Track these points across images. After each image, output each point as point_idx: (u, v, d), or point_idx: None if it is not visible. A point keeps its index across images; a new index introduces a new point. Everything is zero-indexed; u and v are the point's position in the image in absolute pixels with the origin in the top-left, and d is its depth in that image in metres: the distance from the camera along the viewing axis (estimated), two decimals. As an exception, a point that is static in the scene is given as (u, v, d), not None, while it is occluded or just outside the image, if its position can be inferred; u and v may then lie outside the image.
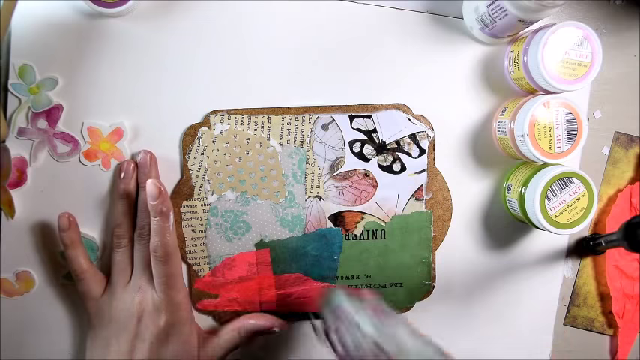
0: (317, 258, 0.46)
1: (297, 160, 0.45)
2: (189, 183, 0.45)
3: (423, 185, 0.46)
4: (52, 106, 0.45)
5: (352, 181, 0.45)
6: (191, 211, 0.45)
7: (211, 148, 0.45)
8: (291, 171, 0.45)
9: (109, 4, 0.43)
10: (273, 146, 0.45)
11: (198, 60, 0.46)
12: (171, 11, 0.46)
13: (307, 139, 0.45)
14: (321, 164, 0.46)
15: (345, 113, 0.45)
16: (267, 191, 0.45)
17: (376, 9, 0.47)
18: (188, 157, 0.45)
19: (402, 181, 0.46)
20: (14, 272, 0.46)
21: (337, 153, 0.45)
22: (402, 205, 0.46)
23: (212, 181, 0.45)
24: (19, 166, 0.45)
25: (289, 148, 0.45)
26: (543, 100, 0.42)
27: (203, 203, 0.45)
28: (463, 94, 0.48)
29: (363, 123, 0.45)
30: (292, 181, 0.46)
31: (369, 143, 0.45)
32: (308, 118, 0.45)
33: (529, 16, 0.41)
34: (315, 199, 0.46)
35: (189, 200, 0.45)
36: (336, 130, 0.45)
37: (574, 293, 0.50)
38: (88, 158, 0.46)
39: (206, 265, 0.46)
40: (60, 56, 0.45)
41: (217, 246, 0.46)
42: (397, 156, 0.45)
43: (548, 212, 0.43)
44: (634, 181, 0.49)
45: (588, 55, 0.42)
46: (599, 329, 0.50)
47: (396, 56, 0.47)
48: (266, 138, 0.45)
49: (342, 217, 0.46)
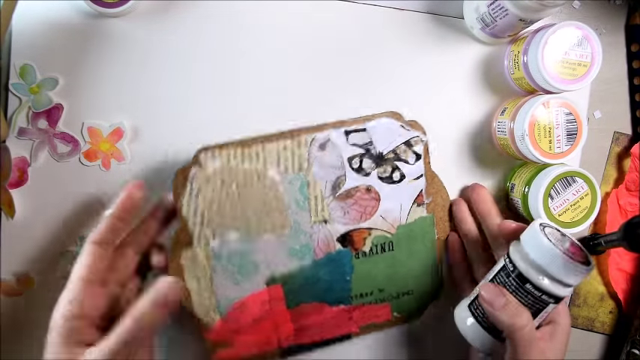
0: (329, 283, 0.44)
1: (298, 187, 0.43)
2: (186, 230, 0.42)
3: (422, 190, 0.45)
4: (53, 106, 0.45)
5: (355, 199, 0.44)
6: (193, 259, 0.42)
7: (206, 190, 0.41)
8: (294, 198, 0.43)
9: (109, 4, 0.43)
10: (272, 176, 0.42)
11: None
12: (171, 11, 0.46)
13: (305, 163, 0.43)
14: (322, 186, 0.43)
15: (340, 129, 0.43)
16: (272, 225, 0.43)
17: (376, 9, 0.47)
18: (182, 203, 0.41)
19: (402, 189, 0.45)
20: (14, 272, 0.46)
21: (337, 172, 0.43)
22: (406, 213, 0.45)
23: (212, 224, 0.42)
24: (19, 165, 0.45)
25: (288, 175, 0.43)
26: (543, 100, 0.42)
27: (205, 250, 0.42)
28: (463, 94, 0.48)
29: (359, 137, 0.43)
30: (296, 208, 0.43)
31: (367, 157, 0.44)
32: (304, 140, 0.43)
33: (530, 15, 0.41)
34: (321, 224, 0.44)
35: (190, 249, 0.42)
36: (334, 149, 0.43)
37: (574, 293, 0.50)
38: (88, 158, 0.46)
39: (216, 315, 0.43)
40: (60, 56, 0.45)
41: (225, 291, 0.43)
42: (395, 165, 0.44)
43: (551, 211, 0.43)
44: (618, 183, 0.49)
45: (588, 55, 0.42)
46: (600, 329, 0.50)
47: (397, 56, 0.47)
48: (263, 169, 0.42)
49: (350, 236, 0.44)
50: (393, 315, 0.46)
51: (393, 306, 0.46)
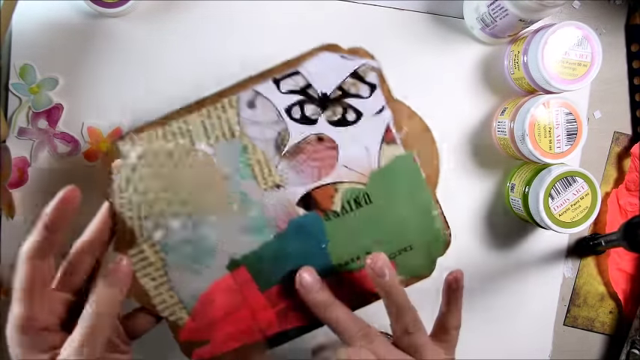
0: (302, 255, 0.39)
1: (235, 154, 0.38)
2: (125, 228, 0.37)
3: (389, 124, 0.39)
4: (53, 106, 0.45)
5: (307, 153, 0.38)
6: (141, 257, 0.38)
7: (135, 180, 0.37)
8: (233, 168, 0.38)
9: (109, 4, 0.43)
10: (202, 149, 0.38)
11: (199, 61, 0.46)
12: (171, 11, 0.46)
13: (236, 127, 0.38)
14: (263, 147, 0.38)
15: (267, 80, 0.38)
16: (216, 202, 0.38)
17: (376, 9, 0.47)
18: (112, 199, 0.37)
19: (363, 129, 0.38)
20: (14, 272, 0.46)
21: (277, 127, 0.38)
22: (375, 156, 0.39)
23: (150, 216, 0.37)
24: (19, 165, 0.45)
25: (220, 144, 0.38)
26: (543, 100, 0.42)
27: (151, 244, 0.38)
28: (463, 94, 0.48)
29: (293, 82, 0.38)
30: (239, 179, 0.38)
31: (309, 102, 0.38)
32: (228, 103, 0.38)
33: (530, 15, 0.41)
34: (274, 189, 0.38)
35: (135, 247, 0.37)
36: (264, 103, 0.38)
37: (574, 293, 0.50)
38: (88, 158, 0.46)
39: (183, 312, 0.39)
40: (60, 56, 0.45)
41: (186, 285, 0.38)
42: (346, 103, 0.38)
43: (552, 211, 0.43)
44: (618, 183, 0.49)
45: (588, 55, 0.42)
46: (600, 329, 0.50)
47: (396, 56, 0.47)
48: (190, 143, 0.38)
49: (312, 197, 0.38)
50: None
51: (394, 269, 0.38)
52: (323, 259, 0.39)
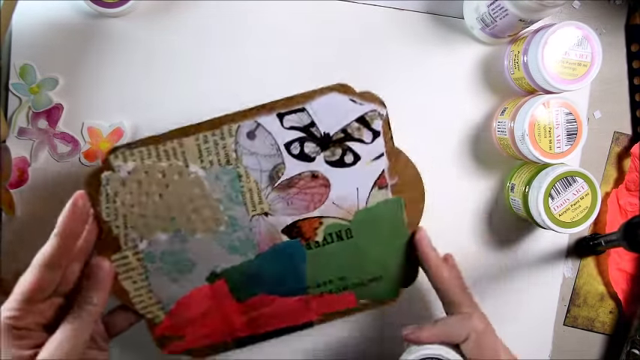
0: (279, 275, 0.41)
1: (228, 181, 0.39)
2: (110, 236, 0.38)
3: (384, 170, 0.40)
4: (53, 106, 0.45)
5: (299, 187, 0.40)
6: (124, 263, 0.39)
7: (123, 193, 0.38)
8: (224, 194, 0.39)
9: (109, 4, 0.43)
10: (195, 172, 0.38)
11: (200, 61, 0.46)
12: (171, 11, 0.46)
13: (233, 154, 0.39)
14: (257, 177, 0.39)
15: (271, 113, 0.38)
16: (203, 223, 0.39)
17: (376, 9, 0.47)
18: (100, 208, 0.38)
19: (358, 172, 0.40)
20: (14, 272, 0.46)
21: (273, 160, 0.39)
22: (364, 197, 0.40)
23: (136, 228, 0.38)
24: (20, 165, 0.45)
25: (214, 169, 0.39)
26: (543, 100, 0.42)
27: (134, 252, 0.39)
28: (463, 94, 0.48)
29: (297, 118, 0.39)
30: (229, 204, 0.39)
31: (310, 140, 0.39)
32: (227, 130, 0.38)
33: (530, 15, 0.41)
34: (262, 217, 0.40)
35: (119, 252, 0.39)
36: (265, 135, 0.39)
37: (574, 293, 0.50)
38: (88, 158, 0.46)
39: (160, 312, 0.40)
40: (60, 56, 0.45)
41: (165, 290, 0.40)
42: (346, 146, 0.39)
43: (552, 211, 0.43)
44: (618, 183, 0.49)
45: (588, 55, 0.42)
46: (600, 329, 0.50)
47: (396, 56, 0.47)
48: (184, 165, 0.38)
49: (298, 226, 0.40)
50: (360, 302, 0.43)
51: (357, 293, 0.42)
52: (298, 279, 0.41)
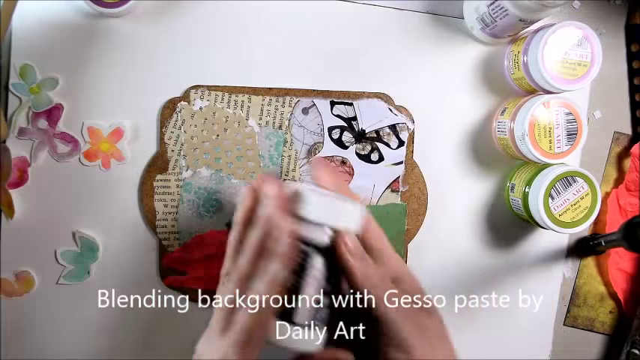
0: None
1: (275, 142, 0.45)
2: (164, 156, 0.45)
3: (399, 177, 0.46)
4: (53, 106, 0.45)
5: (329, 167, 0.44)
6: (164, 185, 0.45)
7: (189, 124, 0.45)
8: (268, 152, 0.45)
9: (109, 4, 0.43)
10: (252, 126, 0.45)
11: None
12: (171, 11, 0.46)
13: (286, 122, 0.45)
14: (298, 148, 0.45)
15: (327, 98, 0.45)
16: (242, 171, 0.45)
17: (376, 9, 0.47)
18: (165, 130, 0.45)
19: (378, 171, 0.46)
20: (14, 272, 0.46)
21: (316, 138, 0.45)
22: (378, 195, 0.46)
23: (188, 157, 0.45)
24: (19, 165, 0.45)
25: (267, 129, 0.45)
26: (543, 100, 0.42)
27: (177, 178, 0.45)
28: (463, 94, 0.48)
29: (344, 110, 0.45)
30: (268, 162, 0.45)
31: (349, 131, 0.45)
32: (289, 101, 0.45)
33: (530, 15, 0.41)
34: (290, 182, 0.43)
35: (164, 174, 0.45)
36: (316, 115, 0.45)
37: (574, 293, 0.50)
38: (88, 158, 0.46)
39: (176, 241, 0.45)
40: (60, 56, 0.45)
41: (188, 222, 0.45)
42: (376, 145, 0.45)
43: (552, 211, 0.43)
44: (618, 183, 0.49)
45: (588, 55, 0.42)
46: (600, 329, 0.50)
47: (396, 56, 0.47)
48: (245, 117, 0.45)
49: None
50: None
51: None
52: None
